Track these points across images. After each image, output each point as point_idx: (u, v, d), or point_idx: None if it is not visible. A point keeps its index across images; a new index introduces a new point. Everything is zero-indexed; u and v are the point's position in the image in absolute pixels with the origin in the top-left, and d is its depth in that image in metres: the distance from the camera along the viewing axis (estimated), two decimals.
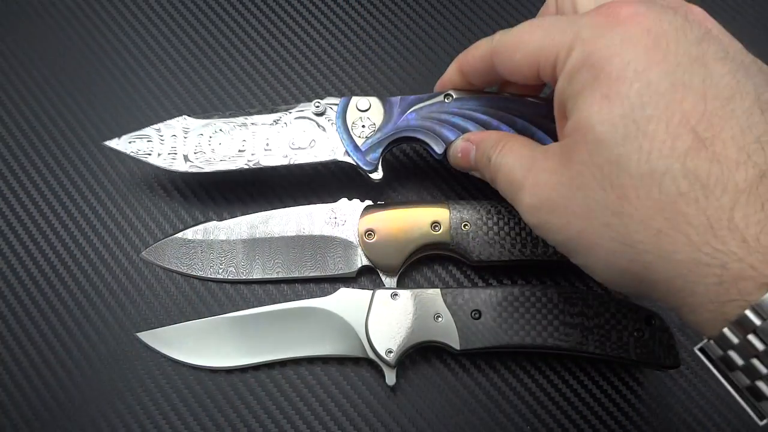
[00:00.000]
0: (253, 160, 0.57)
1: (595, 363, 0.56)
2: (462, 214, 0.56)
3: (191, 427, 0.54)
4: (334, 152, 0.57)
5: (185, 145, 0.57)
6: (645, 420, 0.55)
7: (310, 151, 0.57)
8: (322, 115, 0.58)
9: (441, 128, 0.55)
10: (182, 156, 0.57)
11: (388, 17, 0.64)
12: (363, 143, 0.57)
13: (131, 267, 0.59)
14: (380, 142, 0.56)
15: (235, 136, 0.57)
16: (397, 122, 0.56)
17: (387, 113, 0.57)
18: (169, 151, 0.57)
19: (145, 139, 0.58)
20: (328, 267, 0.58)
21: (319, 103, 0.58)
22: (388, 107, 0.57)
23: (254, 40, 0.64)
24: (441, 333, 0.53)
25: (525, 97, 0.55)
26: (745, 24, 0.70)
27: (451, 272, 0.60)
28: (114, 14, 0.66)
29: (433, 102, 0.56)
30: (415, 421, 0.55)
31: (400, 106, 0.57)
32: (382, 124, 0.57)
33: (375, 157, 0.56)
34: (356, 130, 0.57)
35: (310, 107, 0.58)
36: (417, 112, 0.56)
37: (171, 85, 0.62)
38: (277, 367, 0.56)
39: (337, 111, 0.58)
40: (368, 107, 0.57)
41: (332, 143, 0.57)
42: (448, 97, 0.56)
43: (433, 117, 0.56)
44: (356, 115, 0.57)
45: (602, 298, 0.53)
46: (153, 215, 0.61)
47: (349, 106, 0.57)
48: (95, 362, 0.56)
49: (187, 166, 0.57)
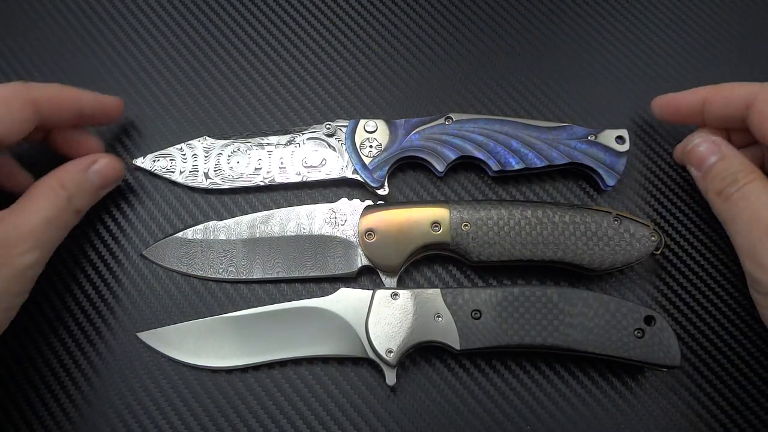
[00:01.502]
0: (269, 178, 0.61)
1: (595, 363, 0.56)
2: (462, 214, 0.56)
3: (191, 427, 0.54)
4: (344, 170, 0.61)
5: (206, 164, 0.61)
6: (645, 420, 0.55)
7: (322, 169, 0.61)
8: (333, 136, 0.62)
9: (442, 148, 0.60)
10: (203, 174, 0.61)
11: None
12: (371, 162, 0.60)
13: (131, 267, 0.59)
14: (386, 161, 0.60)
15: (252, 155, 0.62)
16: (401, 143, 0.61)
17: (392, 134, 0.61)
18: (190, 169, 0.61)
19: (168, 157, 0.62)
20: (328, 267, 0.58)
21: (330, 125, 0.62)
22: (393, 129, 0.61)
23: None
24: (441, 333, 0.53)
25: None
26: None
27: (451, 272, 0.60)
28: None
29: (434, 124, 0.61)
30: (415, 421, 0.55)
31: (404, 128, 0.61)
32: (387, 145, 0.61)
33: (382, 174, 0.60)
34: (364, 150, 0.61)
35: (321, 129, 0.62)
36: (420, 133, 0.61)
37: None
38: (277, 367, 0.56)
39: (347, 132, 0.62)
40: (375, 129, 0.61)
41: (342, 162, 0.61)
42: (448, 119, 0.61)
43: (434, 138, 0.61)
44: (364, 136, 0.61)
45: (602, 298, 0.53)
46: (153, 215, 0.61)
47: (358, 128, 0.61)
48: (95, 362, 0.56)
49: (208, 183, 0.61)
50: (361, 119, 0.62)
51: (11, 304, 0.48)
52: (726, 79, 0.58)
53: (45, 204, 0.50)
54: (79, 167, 0.55)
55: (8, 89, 0.50)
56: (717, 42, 0.69)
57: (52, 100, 0.53)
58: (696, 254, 0.60)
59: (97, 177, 0.56)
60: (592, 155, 0.60)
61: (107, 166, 0.57)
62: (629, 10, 0.71)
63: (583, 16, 0.70)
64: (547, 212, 0.56)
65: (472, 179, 0.63)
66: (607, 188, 0.60)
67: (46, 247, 0.50)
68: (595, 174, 0.60)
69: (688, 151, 0.56)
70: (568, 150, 0.60)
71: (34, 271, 0.49)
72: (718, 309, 0.59)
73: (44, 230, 0.49)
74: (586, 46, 0.69)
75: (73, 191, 0.53)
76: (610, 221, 0.56)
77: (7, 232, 0.47)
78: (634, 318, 0.52)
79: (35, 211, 0.50)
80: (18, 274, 0.47)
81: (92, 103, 0.57)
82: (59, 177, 0.53)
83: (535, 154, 0.59)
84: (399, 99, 0.66)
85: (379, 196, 0.60)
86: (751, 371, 0.56)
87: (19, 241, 0.47)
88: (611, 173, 0.59)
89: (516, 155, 0.59)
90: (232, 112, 0.65)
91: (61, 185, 0.52)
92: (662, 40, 0.69)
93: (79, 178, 0.54)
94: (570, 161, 0.59)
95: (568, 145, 0.60)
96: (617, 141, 0.60)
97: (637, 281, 0.59)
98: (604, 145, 0.60)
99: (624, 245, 0.55)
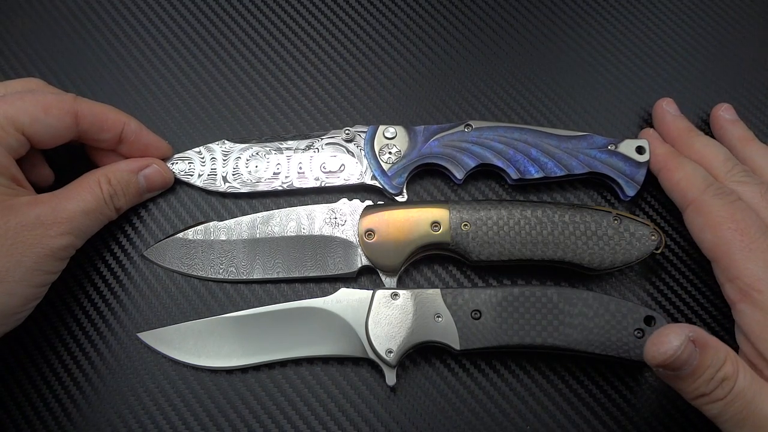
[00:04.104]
0: (287, 183, 0.61)
1: (595, 363, 0.56)
2: (462, 214, 0.56)
3: (191, 427, 0.54)
4: (363, 176, 0.61)
5: (224, 168, 0.61)
6: (645, 420, 0.55)
7: (340, 174, 0.61)
8: (352, 141, 0.62)
9: (461, 155, 0.60)
10: (221, 177, 0.61)
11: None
12: (389, 169, 0.60)
13: (131, 267, 0.59)
14: (405, 167, 0.60)
15: (271, 159, 0.61)
16: (421, 149, 0.60)
17: (411, 141, 0.61)
18: (209, 173, 0.61)
19: (187, 161, 0.62)
20: (328, 267, 0.58)
21: (349, 130, 0.62)
22: (412, 135, 0.61)
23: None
24: (441, 333, 0.53)
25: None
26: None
27: (451, 272, 0.60)
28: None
29: (454, 131, 0.61)
30: (416, 421, 0.55)
31: (423, 135, 0.61)
32: (407, 151, 0.60)
33: (400, 181, 0.60)
34: (383, 157, 0.60)
35: (340, 134, 0.62)
36: (439, 140, 0.60)
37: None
38: (277, 367, 0.56)
39: (366, 138, 0.61)
40: (394, 135, 0.61)
41: (361, 168, 0.61)
42: (468, 126, 0.61)
43: (454, 145, 0.60)
44: (383, 142, 0.61)
45: (602, 298, 0.53)
46: (153, 215, 0.61)
47: (377, 134, 0.61)
48: (96, 362, 0.56)
49: (226, 187, 0.61)
50: (380, 125, 0.62)
51: (42, 281, 0.51)
52: (748, 87, 0.58)
53: (87, 196, 0.53)
54: (131, 168, 0.57)
55: (54, 98, 0.53)
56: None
57: (96, 118, 0.55)
58: (696, 254, 0.60)
59: (146, 181, 0.58)
60: (611, 165, 0.59)
61: (157, 173, 0.59)
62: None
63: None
64: (547, 212, 0.56)
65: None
66: (626, 198, 0.60)
67: (81, 235, 0.53)
68: (614, 184, 0.60)
69: (653, 351, 0.43)
70: (587, 159, 0.59)
71: (67, 252, 0.52)
72: (718, 309, 0.58)
73: (81, 219, 0.52)
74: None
75: (118, 190, 0.56)
76: (610, 221, 0.56)
77: (46, 214, 0.50)
78: (634, 318, 0.52)
79: (76, 200, 0.52)
80: (51, 254, 0.50)
81: (135, 135, 0.58)
82: (109, 173, 0.56)
83: (554, 163, 0.59)
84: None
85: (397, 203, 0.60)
86: None
87: (55, 224, 0.50)
88: (631, 183, 0.59)
89: (535, 164, 0.59)
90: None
91: (108, 181, 0.55)
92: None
93: (128, 179, 0.57)
94: (589, 171, 0.59)
95: (587, 155, 0.60)
96: (637, 151, 0.59)
97: (637, 281, 0.59)
98: (624, 154, 0.59)
99: (624, 245, 0.55)
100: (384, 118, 0.66)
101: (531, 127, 0.61)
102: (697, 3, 0.71)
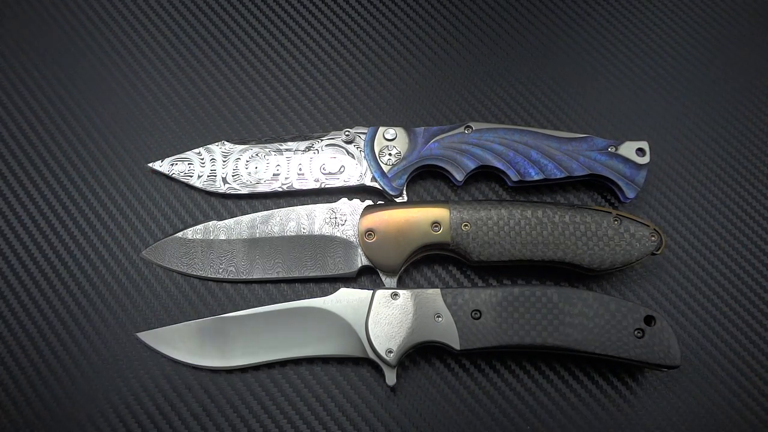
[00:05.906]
0: (287, 184, 0.61)
1: (595, 363, 0.56)
2: (462, 214, 0.56)
3: (191, 427, 0.54)
4: (363, 178, 0.61)
5: (224, 169, 0.61)
6: (645, 420, 0.55)
7: (340, 176, 0.61)
8: (352, 143, 0.62)
9: (461, 157, 0.60)
10: (221, 178, 0.61)
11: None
12: (389, 170, 0.60)
13: (131, 267, 0.59)
14: (405, 169, 0.60)
15: (271, 161, 0.61)
16: (421, 151, 0.60)
17: (412, 142, 0.61)
18: (208, 174, 0.61)
19: (187, 162, 0.62)
20: (328, 267, 0.58)
21: (349, 131, 0.62)
22: (412, 137, 0.61)
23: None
24: (441, 333, 0.53)
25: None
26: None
27: (451, 272, 0.60)
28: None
29: (454, 133, 0.61)
30: (416, 421, 0.55)
31: (423, 136, 0.61)
32: (407, 153, 0.60)
33: (400, 183, 0.60)
34: (383, 158, 0.60)
35: (340, 135, 0.62)
36: (439, 142, 0.60)
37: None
38: (277, 367, 0.56)
39: (366, 139, 0.61)
40: (394, 136, 0.61)
41: (361, 169, 0.61)
42: (468, 128, 0.61)
43: (454, 147, 0.60)
44: (383, 143, 0.61)
45: (602, 298, 0.53)
46: (153, 215, 0.61)
47: (377, 135, 0.61)
48: (95, 362, 0.56)
49: (225, 188, 0.61)
50: (380, 126, 0.61)
51: None
52: (753, 89, 0.57)
53: None
54: None
55: None
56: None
57: None
58: (696, 254, 0.60)
59: None
60: (612, 167, 0.59)
61: None
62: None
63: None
64: (547, 212, 0.56)
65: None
66: (626, 200, 0.60)
67: None
68: (615, 186, 0.60)
69: None
70: (588, 161, 0.59)
71: None
72: (718, 309, 0.59)
73: None
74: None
75: None
76: (610, 221, 0.56)
77: None
78: (634, 318, 0.52)
79: None
80: None
81: None
82: None
83: (554, 165, 0.59)
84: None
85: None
86: (751, 371, 0.56)
87: None
88: (631, 186, 0.59)
89: (535, 166, 0.59)
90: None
91: None
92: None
93: None
94: (590, 173, 0.59)
95: (588, 157, 0.60)
96: (637, 153, 0.59)
97: (637, 281, 0.59)
98: (624, 157, 0.59)
99: (624, 245, 0.55)
100: (384, 119, 0.66)
101: (531, 128, 0.61)
102: (697, 4, 0.72)
